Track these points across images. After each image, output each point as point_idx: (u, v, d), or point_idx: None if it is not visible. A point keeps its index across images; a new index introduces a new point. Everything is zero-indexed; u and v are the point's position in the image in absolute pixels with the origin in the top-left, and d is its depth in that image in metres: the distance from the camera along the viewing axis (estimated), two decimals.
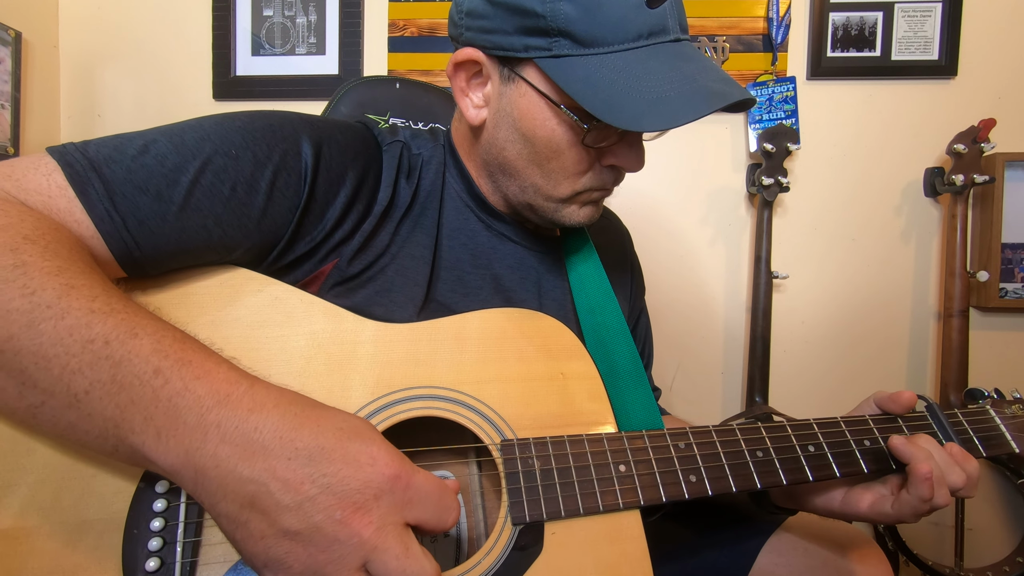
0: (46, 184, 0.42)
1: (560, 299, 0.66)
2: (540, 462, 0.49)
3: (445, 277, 0.60)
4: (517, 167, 0.58)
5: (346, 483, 0.35)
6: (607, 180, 0.59)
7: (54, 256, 0.38)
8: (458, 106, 0.61)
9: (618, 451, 0.51)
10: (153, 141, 0.47)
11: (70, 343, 0.35)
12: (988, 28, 1.36)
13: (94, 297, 0.37)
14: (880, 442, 0.55)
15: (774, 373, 1.31)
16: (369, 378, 0.49)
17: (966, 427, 0.58)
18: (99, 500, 0.41)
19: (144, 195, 0.44)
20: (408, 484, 0.37)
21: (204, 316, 0.47)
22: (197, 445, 0.35)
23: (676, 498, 0.49)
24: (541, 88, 0.53)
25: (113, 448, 0.37)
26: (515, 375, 0.52)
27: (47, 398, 0.36)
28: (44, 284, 0.36)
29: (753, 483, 0.51)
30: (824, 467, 0.53)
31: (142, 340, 0.36)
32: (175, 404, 0.35)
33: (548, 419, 0.52)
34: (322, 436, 0.36)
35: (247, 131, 0.50)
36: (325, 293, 0.54)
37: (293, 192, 0.51)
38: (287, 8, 1.43)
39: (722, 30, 1.38)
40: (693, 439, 0.52)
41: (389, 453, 0.38)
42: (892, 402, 0.58)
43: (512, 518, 0.47)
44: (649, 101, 0.48)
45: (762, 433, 0.54)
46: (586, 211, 0.61)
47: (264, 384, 0.39)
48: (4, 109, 1.29)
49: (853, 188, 1.41)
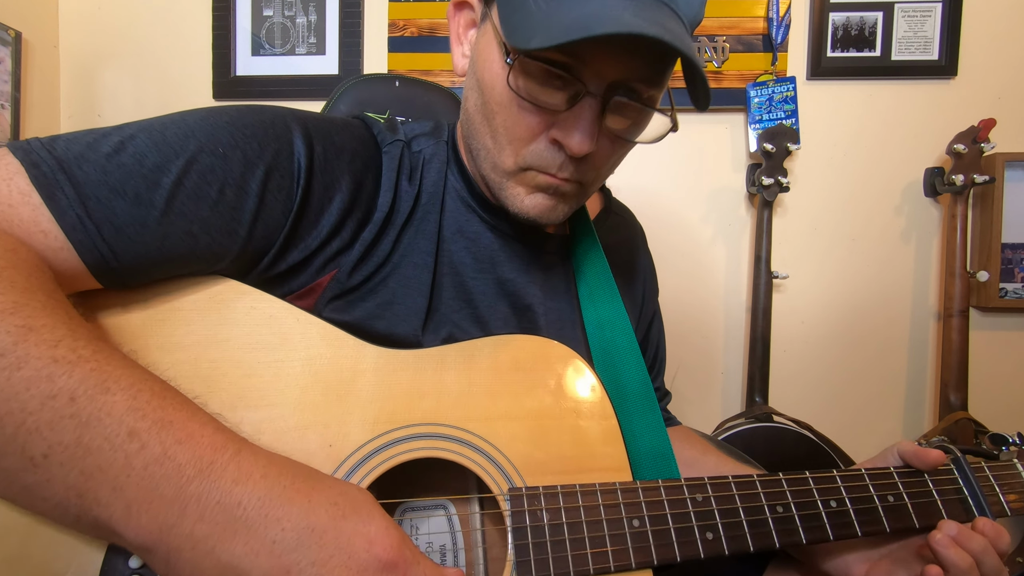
0: (6, 191, 0.36)
1: (567, 311, 0.62)
2: (549, 515, 0.45)
3: (448, 284, 0.55)
4: (474, 122, 0.53)
5: (335, 572, 0.32)
6: (551, 161, 0.50)
7: (9, 288, 0.32)
8: (453, 61, 0.57)
9: (632, 504, 0.47)
10: (131, 137, 0.41)
11: (27, 399, 0.30)
12: (988, 28, 1.36)
13: (57, 342, 0.32)
14: (904, 499, 0.52)
15: (774, 373, 1.31)
16: (369, 413, 0.45)
17: (992, 483, 0.55)
18: (83, 542, 0.37)
19: (121, 199, 0.39)
20: (405, 575, 0.34)
21: (191, 336, 0.43)
22: (173, 522, 0.31)
23: (691, 558, 0.46)
24: (496, 22, 0.48)
25: (74, 519, 0.32)
26: (526, 412, 0.49)
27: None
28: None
29: (772, 542, 0.48)
30: (846, 525, 0.50)
31: (115, 396, 0.32)
32: (151, 473, 0.31)
33: (559, 463, 0.48)
34: (313, 514, 0.33)
35: (236, 127, 0.45)
36: (322, 307, 0.50)
37: (286, 195, 0.46)
38: (287, 8, 1.43)
39: (722, 30, 1.37)
40: (711, 491, 0.49)
41: (388, 534, 0.34)
42: (918, 459, 0.54)
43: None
44: (561, 26, 0.42)
45: (783, 486, 0.51)
46: (535, 200, 0.52)
47: (252, 449, 0.35)
48: (4, 109, 1.29)
49: (853, 188, 1.41)
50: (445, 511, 0.50)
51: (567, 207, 0.54)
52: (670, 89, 0.54)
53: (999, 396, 1.37)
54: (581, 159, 0.50)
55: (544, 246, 0.61)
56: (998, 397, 1.37)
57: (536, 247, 0.61)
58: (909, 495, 0.53)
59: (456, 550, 0.49)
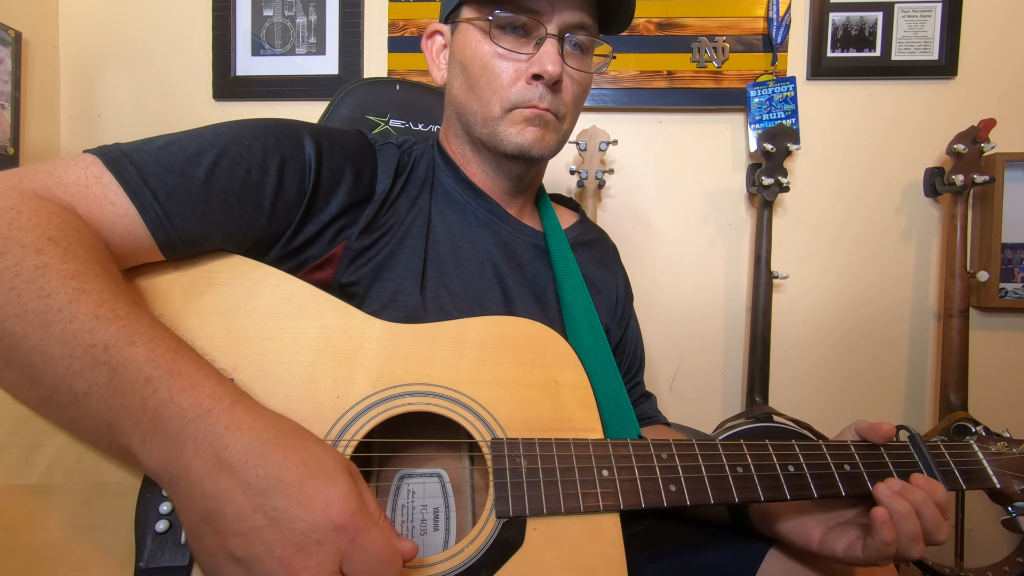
0: (84, 175, 0.47)
1: (544, 286, 0.71)
2: (527, 461, 0.51)
3: (439, 251, 0.66)
4: (462, 101, 0.67)
5: (293, 522, 0.36)
6: (533, 95, 0.63)
7: (73, 259, 0.40)
8: (432, 78, 0.73)
9: (602, 456, 0.52)
10: (176, 137, 0.53)
11: (74, 346, 0.37)
12: (988, 28, 1.36)
13: (102, 303, 0.39)
14: (860, 467, 0.56)
15: (774, 373, 1.31)
16: (372, 372, 0.52)
17: (948, 459, 0.59)
18: (117, 465, 0.45)
19: (171, 173, 0.50)
20: (352, 539, 0.37)
21: (224, 305, 0.51)
22: (174, 455, 0.37)
23: (655, 505, 0.51)
24: (469, 16, 0.64)
25: (107, 446, 0.40)
26: (510, 379, 0.54)
27: (52, 394, 0.38)
28: (59, 288, 0.38)
29: (731, 497, 0.52)
30: (803, 487, 0.54)
31: (138, 348, 0.38)
32: (160, 414, 0.37)
33: (538, 422, 0.53)
34: (284, 468, 0.37)
35: (256, 128, 0.57)
36: (342, 273, 0.60)
37: (300, 178, 0.58)
38: (287, 8, 1.43)
39: (722, 30, 1.38)
40: (676, 451, 0.54)
41: (346, 500, 0.38)
42: (872, 432, 0.59)
43: (496, 511, 0.49)
44: None
45: (744, 450, 0.55)
46: (529, 133, 0.65)
47: (246, 404, 0.40)
48: (4, 109, 1.29)
49: (853, 188, 1.41)
50: (439, 479, 0.56)
51: (551, 137, 0.67)
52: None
53: (999, 396, 1.37)
54: (555, 91, 0.64)
55: (524, 234, 0.73)
56: (998, 397, 1.37)
57: (516, 233, 0.72)
58: (865, 465, 0.57)
59: (448, 513, 0.55)
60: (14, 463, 0.43)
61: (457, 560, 0.47)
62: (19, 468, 0.43)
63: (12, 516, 0.42)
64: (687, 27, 1.38)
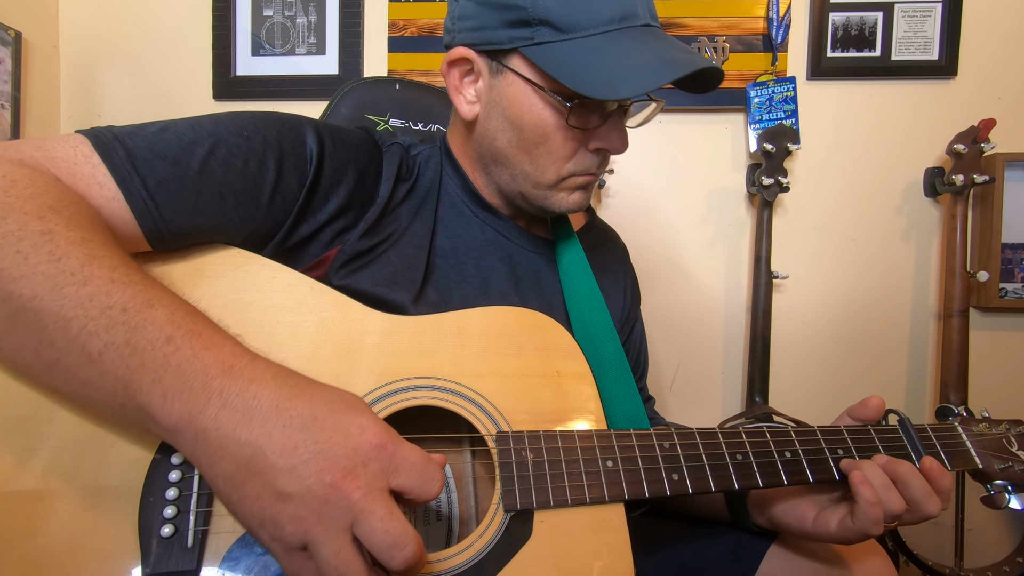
0: (72, 153, 0.46)
1: (550, 295, 0.69)
2: (532, 454, 0.51)
3: (440, 265, 0.64)
4: (508, 155, 0.63)
5: (336, 449, 0.37)
6: (592, 164, 0.62)
7: (78, 227, 0.40)
8: (453, 105, 0.65)
9: (606, 447, 0.53)
10: (172, 123, 0.52)
11: (90, 307, 0.38)
12: (988, 28, 1.36)
13: (114, 268, 0.40)
14: (853, 451, 0.58)
15: (774, 373, 1.31)
16: (375, 366, 0.51)
17: (934, 442, 0.61)
18: (117, 468, 0.44)
19: (163, 161, 0.48)
20: (394, 453, 0.39)
21: (219, 299, 0.49)
22: (200, 408, 0.37)
23: (658, 494, 0.52)
24: (526, 75, 0.58)
25: (120, 407, 0.39)
26: (513, 371, 0.54)
27: (61, 356, 0.38)
28: (69, 252, 0.39)
29: (731, 484, 0.54)
30: (799, 472, 0.55)
31: (157, 310, 0.39)
32: (183, 370, 0.38)
33: (542, 414, 0.54)
34: (315, 406, 0.39)
35: (257, 120, 0.55)
36: (332, 275, 0.58)
37: (300, 174, 0.56)
38: (287, 8, 1.43)
39: (722, 30, 1.37)
40: (677, 440, 0.55)
41: (377, 424, 0.40)
42: (862, 408, 0.61)
43: (504, 505, 0.49)
44: (622, 72, 0.53)
45: (743, 438, 0.56)
46: (576, 197, 0.65)
47: (264, 359, 0.41)
48: (4, 109, 1.29)
49: (853, 188, 1.41)
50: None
51: (591, 194, 0.67)
52: None
53: (999, 396, 1.37)
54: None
55: (531, 245, 0.70)
56: (998, 397, 1.37)
57: (523, 245, 0.70)
58: (857, 449, 0.58)
59: (451, 505, 0.55)
60: (8, 468, 0.42)
61: (466, 555, 0.47)
62: (14, 474, 0.42)
63: (10, 524, 0.41)
64: (687, 27, 1.38)
